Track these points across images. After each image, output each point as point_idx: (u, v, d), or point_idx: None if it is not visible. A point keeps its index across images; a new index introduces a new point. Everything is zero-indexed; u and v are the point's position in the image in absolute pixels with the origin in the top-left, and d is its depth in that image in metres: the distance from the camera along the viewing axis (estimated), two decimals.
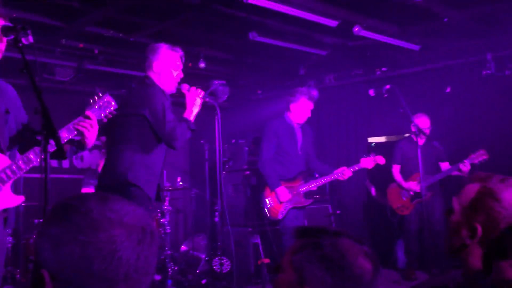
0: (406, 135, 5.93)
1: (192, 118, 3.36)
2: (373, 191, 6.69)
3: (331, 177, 4.95)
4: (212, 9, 4.60)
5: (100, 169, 5.87)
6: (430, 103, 6.00)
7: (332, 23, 4.80)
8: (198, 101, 3.40)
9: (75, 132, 2.39)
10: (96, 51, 5.80)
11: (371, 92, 4.80)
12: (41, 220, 5.01)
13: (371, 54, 6.13)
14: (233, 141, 6.78)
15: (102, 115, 2.53)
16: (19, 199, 2.30)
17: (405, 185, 5.62)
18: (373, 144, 7.22)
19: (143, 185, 3.19)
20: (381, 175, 6.31)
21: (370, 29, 5.12)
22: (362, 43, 5.73)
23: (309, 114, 5.00)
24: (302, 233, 1.25)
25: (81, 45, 5.61)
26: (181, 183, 6.08)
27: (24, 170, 2.26)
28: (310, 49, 5.76)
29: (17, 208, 5.05)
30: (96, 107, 2.50)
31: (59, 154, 1.92)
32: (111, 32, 5.20)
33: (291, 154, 4.93)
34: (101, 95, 2.54)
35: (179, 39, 5.59)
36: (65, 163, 6.77)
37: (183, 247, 6.57)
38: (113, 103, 2.56)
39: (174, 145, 3.25)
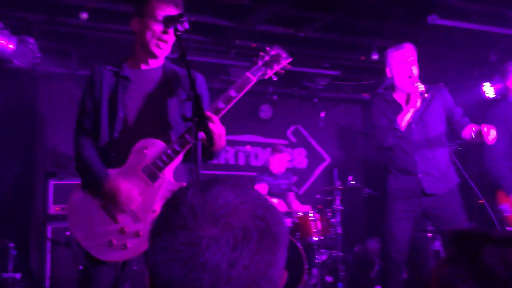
0: None
1: (403, 118, 3.37)
2: None
3: None
4: None
5: (271, 166, 5.95)
6: None
7: None
8: (418, 102, 3.33)
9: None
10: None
11: None
12: None
13: None
14: None
15: (270, 72, 2.21)
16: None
17: None
18: None
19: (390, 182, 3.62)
20: None
21: None
22: None
23: None
24: (458, 239, 0.91)
25: (253, 45, 5.71)
26: (352, 182, 5.79)
27: (182, 153, 2.16)
28: (503, 30, 4.94)
29: None
30: (260, 64, 2.20)
31: (208, 141, 1.86)
32: (281, 29, 5.18)
33: None
34: (268, 49, 2.24)
35: (349, 30, 5.35)
36: (241, 161, 7.03)
37: (356, 249, 6.29)
38: (283, 55, 2.20)
39: (384, 145, 3.48)
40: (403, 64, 3.47)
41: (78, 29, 4.96)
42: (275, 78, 2.23)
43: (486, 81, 5.87)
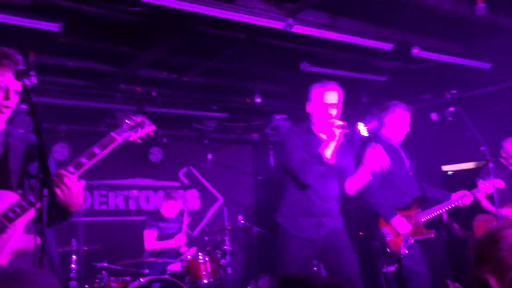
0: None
1: (327, 152, 3.29)
2: (455, 226, 6.03)
3: (451, 204, 4.05)
4: (259, 42, 4.50)
5: (163, 210, 5.89)
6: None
7: (387, 46, 4.51)
8: (337, 132, 3.28)
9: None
10: (154, 94, 5.91)
11: (434, 116, 4.37)
12: (103, 263, 5.02)
13: (437, 76, 5.70)
14: None
15: (134, 135, 2.27)
16: (32, 241, 2.04)
17: (501, 212, 4.67)
18: (449, 173, 6.66)
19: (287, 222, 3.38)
20: (461, 208, 5.74)
21: (431, 49, 4.75)
22: (425, 66, 5.34)
23: (408, 129, 4.21)
24: (285, 286, 1.02)
25: (138, 89, 5.74)
26: (242, 221, 5.91)
27: (37, 205, 2.00)
28: (368, 76, 5.46)
29: (78, 252, 5.14)
30: (124, 127, 2.27)
31: (51, 196, 1.81)
32: (165, 73, 5.28)
33: (401, 175, 4.07)
34: (133, 117, 2.32)
35: (231, 75, 5.58)
36: (132, 205, 6.87)
37: None
38: (147, 122, 2.31)
39: (302, 181, 3.31)
40: (328, 104, 3.43)
41: None
42: (139, 141, 2.30)
43: (360, 121, 6.38)
